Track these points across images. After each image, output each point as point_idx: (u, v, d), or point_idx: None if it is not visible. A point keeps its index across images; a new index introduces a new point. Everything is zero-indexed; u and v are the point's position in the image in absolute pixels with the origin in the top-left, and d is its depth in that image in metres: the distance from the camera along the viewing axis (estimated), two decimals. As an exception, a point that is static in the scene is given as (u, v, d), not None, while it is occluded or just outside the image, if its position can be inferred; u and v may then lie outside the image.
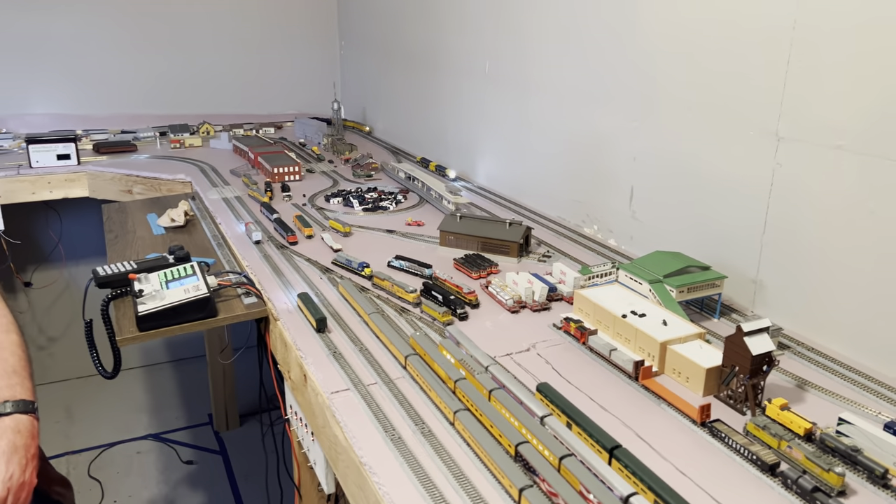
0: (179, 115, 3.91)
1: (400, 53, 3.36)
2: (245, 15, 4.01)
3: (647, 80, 1.83)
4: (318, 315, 1.52)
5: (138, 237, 2.18)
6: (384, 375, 1.32)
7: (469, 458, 1.08)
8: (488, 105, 2.61)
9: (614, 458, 1.02)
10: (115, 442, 3.56)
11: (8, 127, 3.51)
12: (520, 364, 1.37)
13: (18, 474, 1.25)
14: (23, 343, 1.47)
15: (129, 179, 2.92)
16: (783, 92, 1.45)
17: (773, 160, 1.49)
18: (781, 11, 1.42)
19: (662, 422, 1.18)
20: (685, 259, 1.59)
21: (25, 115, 3.65)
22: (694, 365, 1.26)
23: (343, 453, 1.19)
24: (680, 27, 1.71)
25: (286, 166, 2.74)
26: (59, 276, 3.89)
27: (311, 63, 4.24)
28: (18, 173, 2.90)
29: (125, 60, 3.81)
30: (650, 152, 1.86)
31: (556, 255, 1.96)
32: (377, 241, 2.09)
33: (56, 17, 3.61)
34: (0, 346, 1.41)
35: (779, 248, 1.52)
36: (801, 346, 1.43)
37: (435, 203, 2.42)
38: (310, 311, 1.54)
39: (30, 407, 1.35)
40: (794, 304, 1.50)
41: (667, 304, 1.46)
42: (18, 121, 3.58)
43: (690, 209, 1.75)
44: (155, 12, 3.81)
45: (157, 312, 1.55)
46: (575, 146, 2.16)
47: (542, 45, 2.25)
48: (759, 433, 1.10)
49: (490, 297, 1.67)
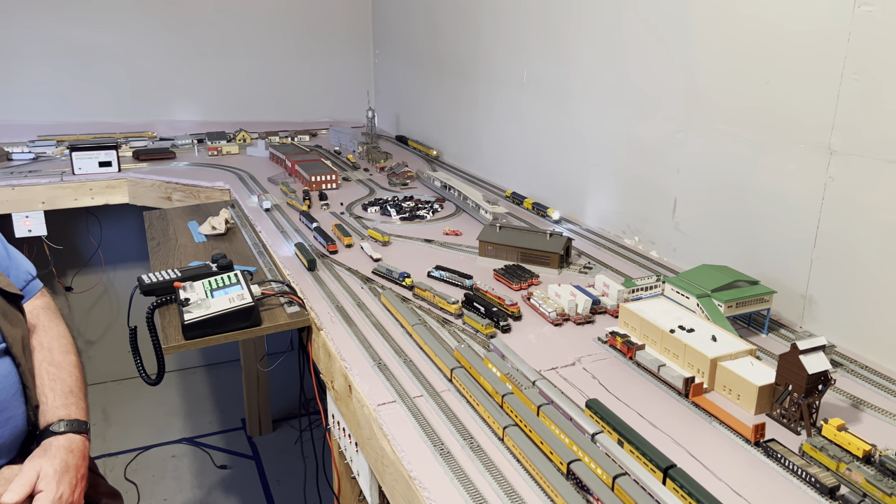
0: (215, 122, 3.97)
1: (434, 61, 3.37)
2: (280, 23, 4.05)
3: (693, 90, 1.81)
4: (309, 257, 1.90)
5: (180, 244, 2.20)
6: (430, 388, 1.32)
7: (520, 475, 1.07)
8: (525, 114, 2.60)
9: (669, 477, 1.00)
10: (151, 445, 3.61)
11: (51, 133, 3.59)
12: (566, 378, 1.36)
13: (68, 494, 1.26)
14: (80, 364, 1.50)
15: (169, 186, 2.96)
16: (836, 105, 1.42)
17: (825, 174, 1.46)
18: (836, 24, 1.40)
19: (714, 440, 1.16)
20: (733, 273, 1.57)
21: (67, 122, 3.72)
22: (746, 382, 1.24)
23: (390, 466, 1.19)
24: (728, 37, 1.68)
25: (323, 174, 2.76)
26: (97, 281, 3.96)
27: (346, 71, 4.27)
28: (62, 180, 2.96)
29: (163, 69, 3.87)
30: (695, 163, 1.84)
31: (596, 266, 1.94)
32: (416, 250, 2.09)
33: (101, 29, 3.69)
34: (59, 366, 1.44)
35: (830, 263, 1.49)
36: (854, 364, 1.40)
37: (472, 212, 2.42)
38: (303, 254, 1.93)
39: (83, 427, 1.37)
40: (846, 320, 1.47)
41: (715, 319, 1.44)
42: (62, 128, 3.66)
43: (737, 222, 1.73)
44: (192, 22, 3.87)
45: (203, 321, 1.57)
46: (616, 156, 2.14)
47: (583, 53, 2.24)
48: (816, 454, 1.08)
49: (532, 309, 1.66)
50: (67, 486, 1.26)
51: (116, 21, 3.71)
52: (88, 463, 1.37)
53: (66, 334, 1.55)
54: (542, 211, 2.38)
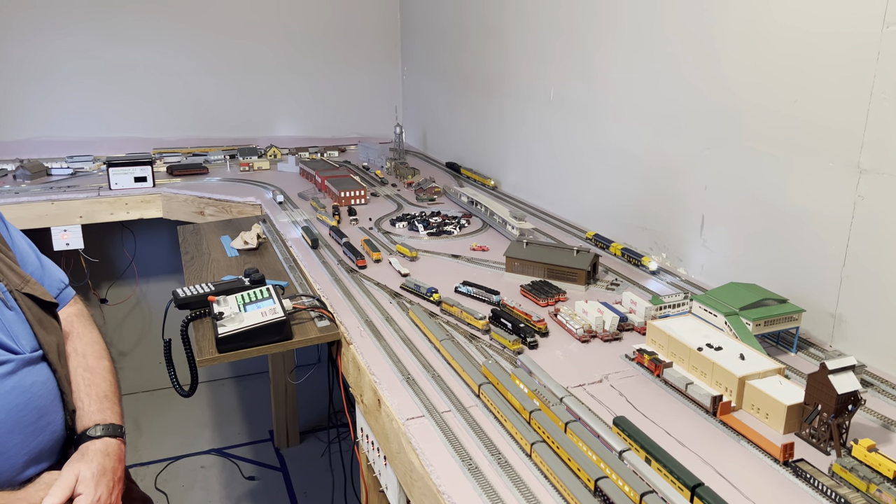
0: (245, 138, 4.04)
1: (461, 78, 3.41)
2: (310, 41, 4.12)
3: (721, 107, 1.81)
4: (313, 237, 2.25)
5: (213, 259, 2.25)
6: (458, 403, 1.34)
7: (547, 492, 1.08)
8: (552, 131, 2.62)
9: (697, 496, 1.01)
10: (180, 455, 3.66)
11: (88, 150, 3.69)
12: (593, 395, 1.36)
13: (105, 497, 1.30)
14: (113, 369, 1.54)
15: (202, 202, 3.03)
16: (865, 124, 1.42)
17: (855, 192, 1.46)
18: (865, 43, 1.40)
19: (742, 459, 1.16)
20: (761, 291, 1.56)
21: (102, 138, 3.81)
22: (774, 401, 1.24)
23: (419, 480, 1.21)
24: (757, 55, 1.69)
25: (352, 190, 2.80)
26: (131, 294, 4.04)
27: (374, 87, 4.33)
28: (99, 195, 3.05)
29: (195, 85, 3.95)
30: (723, 181, 1.84)
31: (624, 283, 1.95)
32: (443, 265, 2.12)
33: (135, 48, 3.78)
34: (93, 371, 1.48)
35: (860, 282, 1.48)
36: (885, 384, 1.39)
37: (498, 228, 2.44)
38: (308, 235, 2.26)
39: (118, 431, 1.41)
40: (877, 339, 1.46)
41: (743, 337, 1.44)
42: (97, 144, 3.76)
43: (765, 240, 1.72)
44: (222, 39, 3.94)
45: (236, 335, 1.61)
46: (643, 173, 2.15)
47: (611, 71, 2.25)
48: (846, 475, 1.07)
49: (559, 325, 1.67)
50: (105, 489, 1.30)
51: (152, 40, 3.80)
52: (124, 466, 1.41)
53: (99, 340, 1.59)
54: (634, 259, 2.08)
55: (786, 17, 1.59)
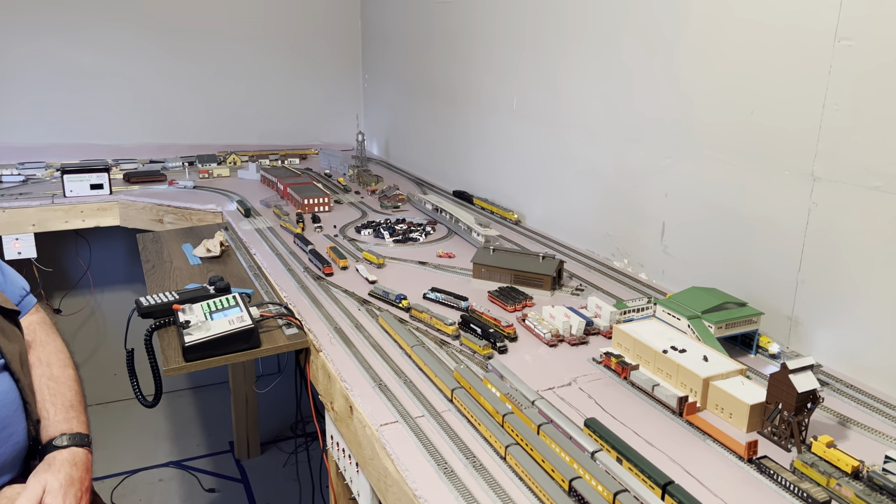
0: (204, 144, 3.99)
1: (424, 87, 3.43)
2: (270, 47, 4.09)
3: (680, 117, 1.87)
4: (246, 207, 2.55)
5: (175, 267, 2.22)
6: (431, 408, 1.35)
7: (523, 493, 1.10)
8: (515, 139, 2.66)
9: (667, 493, 1.04)
10: (137, 469, 3.57)
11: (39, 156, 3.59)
12: (563, 398, 1.39)
13: None
14: (78, 378, 1.51)
15: (161, 209, 2.97)
16: (819, 134, 1.48)
17: (809, 199, 1.52)
18: (818, 57, 1.47)
19: (709, 457, 1.20)
20: (722, 295, 1.62)
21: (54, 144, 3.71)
22: (737, 401, 1.28)
23: (394, 485, 1.21)
24: (714, 68, 1.75)
25: (316, 197, 2.79)
26: (85, 304, 3.94)
27: (335, 95, 4.32)
28: (53, 202, 2.97)
29: (153, 91, 3.88)
30: (682, 189, 1.89)
31: (588, 288, 1.99)
32: (410, 272, 2.13)
33: (93, 53, 3.70)
34: (58, 380, 1.45)
35: (815, 286, 1.54)
36: (840, 383, 1.45)
37: (464, 235, 2.46)
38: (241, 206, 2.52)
39: (85, 440, 1.38)
40: (831, 341, 1.52)
41: (706, 339, 1.49)
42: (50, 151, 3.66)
43: (723, 245, 1.78)
44: (181, 44, 3.89)
45: (204, 343, 1.59)
46: (605, 181, 2.20)
47: (573, 81, 2.30)
48: (807, 470, 1.12)
49: (527, 330, 1.70)
50: (73, 499, 1.28)
51: (109, 45, 3.73)
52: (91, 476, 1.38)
53: (63, 349, 1.56)
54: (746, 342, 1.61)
55: (742, 32, 1.66)
